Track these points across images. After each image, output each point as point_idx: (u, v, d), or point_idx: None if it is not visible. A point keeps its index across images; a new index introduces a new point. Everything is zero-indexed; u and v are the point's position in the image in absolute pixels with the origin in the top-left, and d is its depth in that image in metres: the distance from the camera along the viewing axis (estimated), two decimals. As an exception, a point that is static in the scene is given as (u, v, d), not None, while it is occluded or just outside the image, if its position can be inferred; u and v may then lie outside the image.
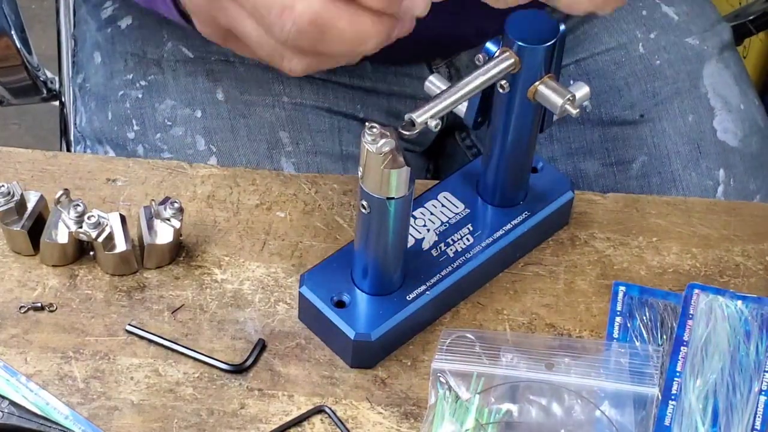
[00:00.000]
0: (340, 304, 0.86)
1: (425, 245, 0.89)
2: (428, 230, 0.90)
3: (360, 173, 0.77)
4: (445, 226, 0.90)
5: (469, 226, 0.91)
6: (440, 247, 0.89)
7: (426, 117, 0.75)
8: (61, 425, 0.82)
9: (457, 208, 0.91)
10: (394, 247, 0.83)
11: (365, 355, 0.86)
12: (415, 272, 0.87)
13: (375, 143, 0.74)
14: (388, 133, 0.73)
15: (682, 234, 0.95)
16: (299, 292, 0.87)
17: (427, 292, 0.87)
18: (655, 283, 0.92)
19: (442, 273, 0.88)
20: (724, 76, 1.17)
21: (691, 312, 0.89)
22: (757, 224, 0.96)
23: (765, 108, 1.21)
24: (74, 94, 1.19)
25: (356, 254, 0.85)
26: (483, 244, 0.90)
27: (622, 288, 0.91)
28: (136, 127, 1.11)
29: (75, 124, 1.18)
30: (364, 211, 0.79)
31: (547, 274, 0.92)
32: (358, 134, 1.08)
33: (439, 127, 0.76)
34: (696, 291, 0.90)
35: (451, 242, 0.90)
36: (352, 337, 0.84)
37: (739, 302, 0.89)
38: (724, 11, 1.40)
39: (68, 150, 1.19)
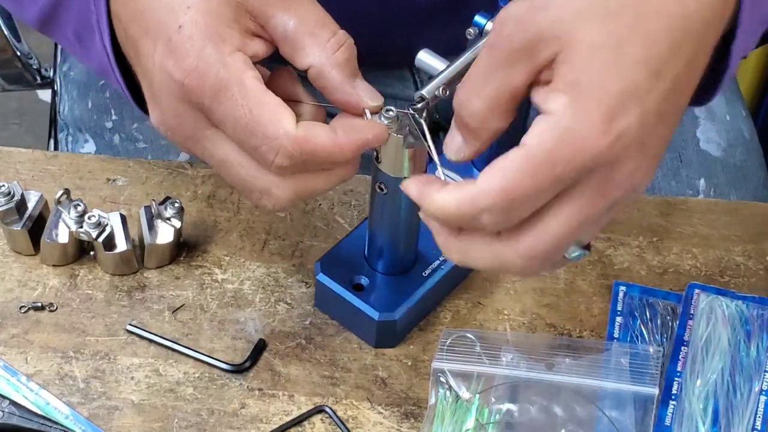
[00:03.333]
0: (358, 287, 0.87)
1: None
2: None
3: (375, 156, 0.77)
4: None
5: None
6: None
7: (433, 90, 0.75)
8: (61, 425, 0.82)
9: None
10: (411, 225, 0.84)
11: (389, 335, 0.86)
12: (428, 249, 0.88)
13: (393, 125, 0.74)
14: (402, 115, 0.74)
15: (682, 234, 0.95)
16: (316, 279, 0.87)
17: (442, 267, 0.88)
18: (656, 283, 0.92)
19: None
20: None
21: (692, 312, 0.89)
22: (757, 224, 0.96)
23: (762, 110, 1.20)
24: (59, 82, 1.19)
25: (372, 236, 0.86)
26: None
27: (622, 288, 0.91)
28: (114, 117, 1.11)
29: (59, 112, 1.18)
30: (381, 192, 0.80)
31: (548, 274, 0.92)
32: None
33: (448, 93, 0.76)
34: (696, 291, 0.90)
35: None
36: (376, 319, 0.85)
37: (740, 302, 0.89)
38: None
39: (55, 139, 1.20)
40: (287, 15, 0.74)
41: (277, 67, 0.78)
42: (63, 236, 0.89)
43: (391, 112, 0.74)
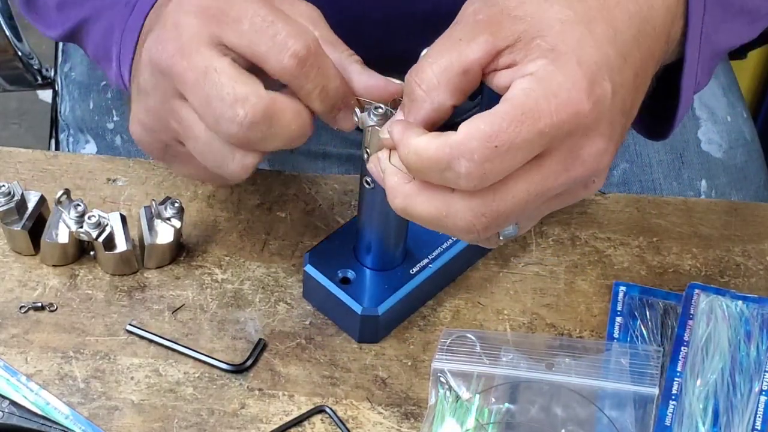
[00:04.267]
0: (345, 281, 0.87)
1: None
2: None
3: (365, 151, 0.78)
4: None
5: None
6: None
7: None
8: (61, 425, 0.82)
9: None
10: (398, 221, 0.84)
11: (372, 330, 0.87)
12: (417, 246, 0.89)
13: (381, 122, 0.74)
14: (391, 112, 0.74)
15: (682, 234, 0.95)
16: (304, 270, 0.87)
17: (430, 266, 0.88)
18: (656, 283, 0.92)
19: (443, 246, 0.89)
20: (712, 87, 1.16)
21: (692, 312, 0.89)
22: (757, 224, 0.96)
23: (762, 111, 1.20)
24: (60, 82, 1.20)
25: (360, 230, 0.86)
26: None
27: (622, 288, 0.91)
28: (116, 118, 1.11)
29: (60, 112, 1.18)
30: (368, 186, 0.80)
31: (548, 274, 0.92)
32: (337, 134, 1.08)
33: None
34: (696, 291, 0.90)
35: None
36: (359, 313, 0.85)
37: (740, 302, 0.89)
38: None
39: (56, 139, 1.20)
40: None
41: None
42: (63, 236, 0.89)
43: (380, 109, 0.74)
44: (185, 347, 0.87)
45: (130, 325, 0.88)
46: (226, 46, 0.73)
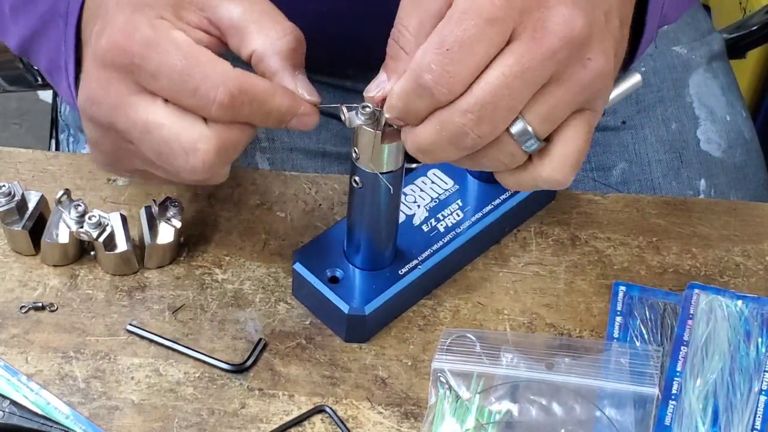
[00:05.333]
0: (333, 280, 0.87)
1: (416, 221, 0.91)
2: (419, 206, 0.92)
3: (354, 151, 0.78)
4: (435, 202, 0.92)
5: (459, 201, 0.92)
6: (431, 223, 0.91)
7: None
8: (62, 425, 0.82)
9: (447, 184, 0.93)
10: (387, 221, 0.85)
11: (359, 330, 0.87)
12: (407, 247, 0.89)
13: (369, 121, 0.74)
14: (379, 111, 0.74)
15: (682, 234, 0.95)
16: (293, 268, 0.87)
17: (419, 267, 0.88)
18: (656, 283, 0.92)
19: (434, 247, 0.89)
20: (711, 86, 1.16)
21: (692, 312, 0.89)
22: (757, 224, 0.96)
23: (762, 110, 1.20)
24: None
25: (349, 230, 0.86)
26: (472, 219, 0.91)
27: (622, 288, 0.91)
28: None
29: (60, 112, 1.18)
30: (356, 186, 0.80)
31: (548, 274, 0.92)
32: (336, 132, 1.09)
33: None
34: (696, 291, 0.90)
35: (442, 217, 0.91)
36: (346, 312, 0.85)
37: (740, 302, 0.89)
38: (726, 23, 1.40)
39: (56, 139, 1.20)
40: (233, 4, 0.74)
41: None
42: (63, 236, 0.89)
43: (368, 108, 0.74)
44: (185, 347, 0.87)
45: (130, 325, 0.88)
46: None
